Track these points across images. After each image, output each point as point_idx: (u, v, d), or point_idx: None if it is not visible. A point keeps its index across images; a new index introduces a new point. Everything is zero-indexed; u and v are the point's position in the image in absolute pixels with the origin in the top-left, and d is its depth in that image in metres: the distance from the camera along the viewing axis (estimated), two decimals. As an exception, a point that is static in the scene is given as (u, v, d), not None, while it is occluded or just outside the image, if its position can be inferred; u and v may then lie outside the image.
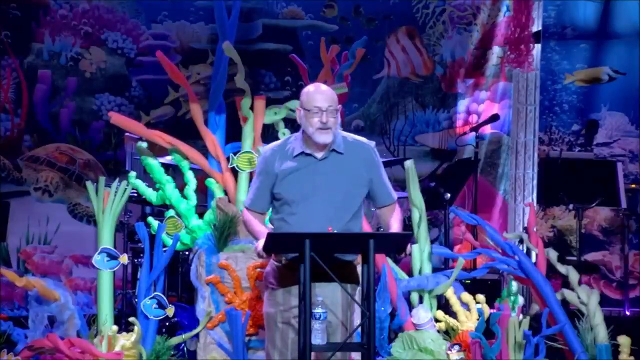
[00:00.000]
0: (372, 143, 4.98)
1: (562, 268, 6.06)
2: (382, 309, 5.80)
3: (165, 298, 5.85)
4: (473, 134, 8.76)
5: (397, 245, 4.79)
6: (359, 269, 4.79)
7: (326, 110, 4.75)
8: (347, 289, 4.76)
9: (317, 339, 4.54)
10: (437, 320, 5.93)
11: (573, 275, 6.02)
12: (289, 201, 4.80)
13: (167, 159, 7.02)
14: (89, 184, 5.96)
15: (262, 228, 4.85)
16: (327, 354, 4.64)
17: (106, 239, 5.90)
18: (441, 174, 9.43)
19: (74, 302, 6.00)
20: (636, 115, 9.81)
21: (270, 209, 4.95)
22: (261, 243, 4.69)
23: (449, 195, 7.87)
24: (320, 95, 4.79)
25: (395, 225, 4.89)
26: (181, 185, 6.67)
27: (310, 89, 4.85)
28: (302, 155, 4.83)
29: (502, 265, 6.07)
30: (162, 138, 6.68)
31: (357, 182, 4.86)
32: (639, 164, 9.77)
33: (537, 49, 9.60)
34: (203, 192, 7.25)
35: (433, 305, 5.99)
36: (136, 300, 6.16)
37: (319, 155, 4.83)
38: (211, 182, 6.74)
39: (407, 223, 7.45)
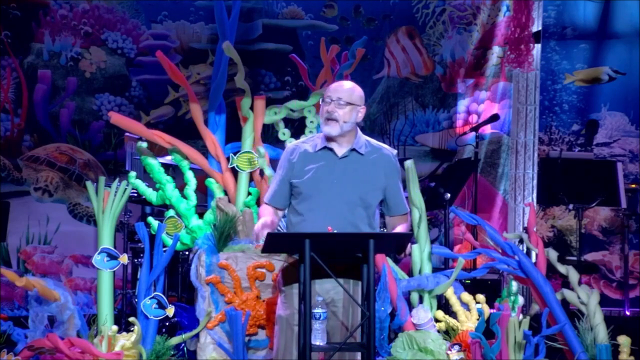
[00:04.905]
0: (394, 151, 5.01)
1: (562, 268, 6.05)
2: (382, 309, 5.79)
3: (165, 298, 5.85)
4: (473, 134, 8.76)
5: (397, 246, 4.79)
6: None
7: (334, 100, 4.82)
8: (350, 285, 4.78)
9: (317, 339, 4.54)
10: (437, 320, 5.92)
11: (573, 275, 6.01)
12: (305, 195, 4.86)
13: (167, 159, 7.02)
14: (89, 184, 5.96)
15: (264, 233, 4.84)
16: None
17: (106, 239, 5.89)
18: (441, 174, 9.41)
19: (74, 302, 6.00)
20: (636, 115, 9.80)
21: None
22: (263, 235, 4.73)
23: (449, 195, 7.86)
24: (333, 87, 4.94)
25: (400, 231, 4.92)
26: (181, 185, 6.67)
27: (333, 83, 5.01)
28: (323, 150, 4.89)
29: (502, 265, 6.06)
30: (162, 138, 6.68)
31: (373, 185, 4.89)
32: (639, 164, 9.76)
33: (537, 49, 9.60)
34: (203, 192, 7.25)
35: (433, 305, 5.98)
36: (136, 300, 6.16)
37: (340, 152, 4.86)
38: (211, 182, 6.74)
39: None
